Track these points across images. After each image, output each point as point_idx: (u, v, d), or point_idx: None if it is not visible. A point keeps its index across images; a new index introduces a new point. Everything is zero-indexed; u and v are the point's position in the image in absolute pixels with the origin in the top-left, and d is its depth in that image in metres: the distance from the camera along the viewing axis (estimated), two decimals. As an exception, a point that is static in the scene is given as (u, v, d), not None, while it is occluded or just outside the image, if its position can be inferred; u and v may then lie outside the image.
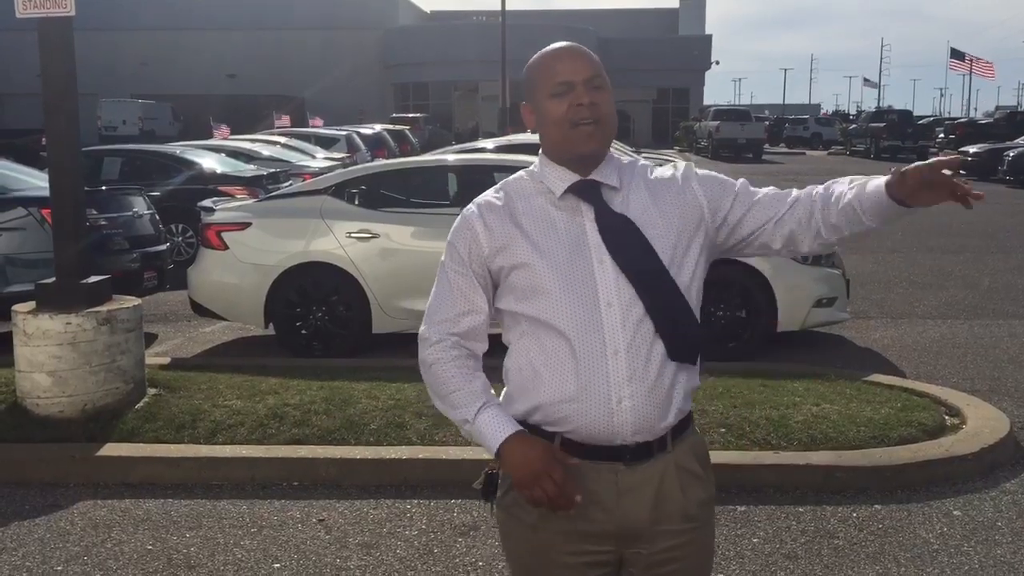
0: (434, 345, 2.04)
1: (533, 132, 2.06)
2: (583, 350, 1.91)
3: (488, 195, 2.07)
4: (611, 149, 2.04)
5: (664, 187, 2.04)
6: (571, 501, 1.88)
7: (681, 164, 2.11)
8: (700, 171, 2.09)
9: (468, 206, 2.07)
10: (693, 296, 1.99)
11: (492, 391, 2.02)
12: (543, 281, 1.94)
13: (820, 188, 2.02)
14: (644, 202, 2.00)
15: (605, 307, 1.92)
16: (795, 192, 2.04)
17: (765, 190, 2.08)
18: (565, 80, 1.94)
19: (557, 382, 1.93)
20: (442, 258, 2.06)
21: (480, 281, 2.02)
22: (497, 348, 2.13)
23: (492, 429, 1.94)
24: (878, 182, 1.91)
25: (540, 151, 2.04)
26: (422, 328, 2.09)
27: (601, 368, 1.90)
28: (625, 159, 2.10)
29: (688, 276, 1.99)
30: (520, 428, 1.94)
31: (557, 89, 1.95)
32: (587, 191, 1.99)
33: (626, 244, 1.94)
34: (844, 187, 1.97)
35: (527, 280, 1.95)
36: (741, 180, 2.10)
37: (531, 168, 2.08)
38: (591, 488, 1.94)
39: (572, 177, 1.99)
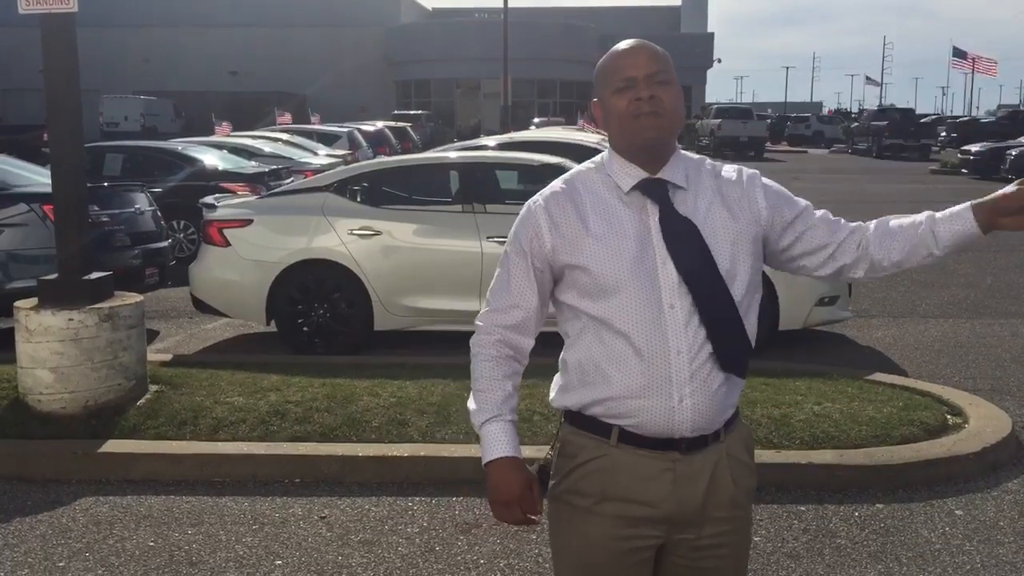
0: (481, 336, 2.12)
1: (538, 126, 2.08)
2: (647, 350, 1.95)
3: (555, 186, 2.09)
4: (679, 147, 2.08)
5: (730, 190, 2.07)
6: (533, 523, 2.06)
7: (747, 169, 2.15)
8: (766, 180, 2.14)
9: (534, 196, 2.09)
10: (746, 303, 2.03)
11: (514, 400, 2.09)
12: (609, 281, 1.97)
13: (872, 224, 2.10)
14: (711, 204, 2.04)
15: (668, 308, 1.95)
16: (851, 226, 2.11)
17: (822, 213, 2.13)
18: (628, 76, 1.98)
19: (621, 379, 1.97)
20: (506, 246, 2.11)
21: (537, 275, 2.06)
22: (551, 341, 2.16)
23: (489, 443, 2.05)
24: (957, 211, 2.03)
25: (609, 146, 2.07)
26: (481, 311, 2.16)
27: (664, 368, 1.95)
28: (693, 156, 2.13)
29: (744, 283, 2.02)
30: (511, 454, 2.03)
31: (620, 84, 1.98)
32: (654, 189, 2.01)
33: (687, 249, 1.97)
34: (904, 221, 2.07)
35: (592, 279, 1.98)
36: (806, 202, 2.15)
37: (599, 160, 2.10)
38: (648, 475, 2.00)
39: (640, 173, 2.02)
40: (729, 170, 2.12)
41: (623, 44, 2.04)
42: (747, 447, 2.14)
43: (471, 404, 2.11)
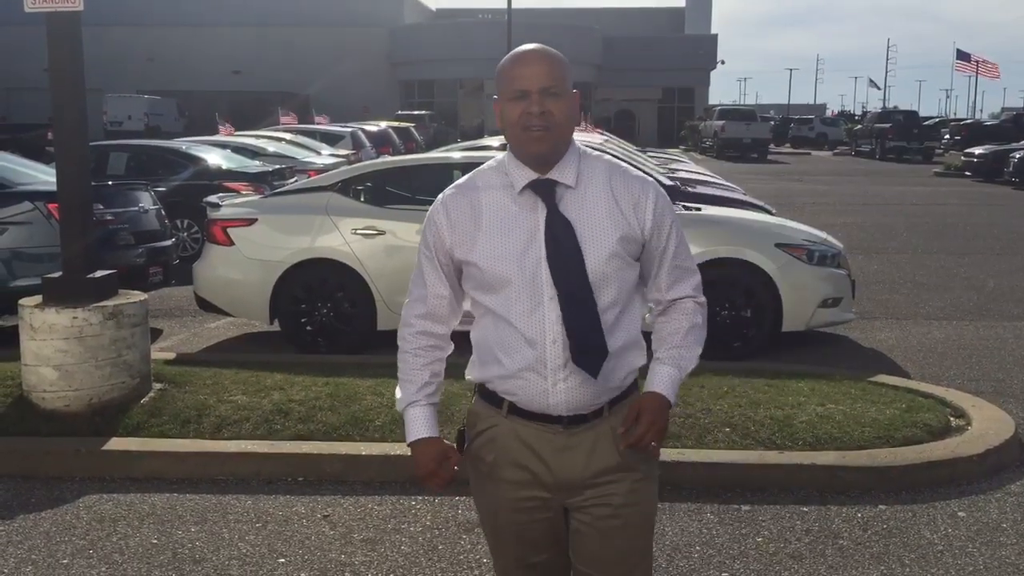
0: (404, 331, 2.34)
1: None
2: (526, 337, 2.14)
3: (457, 185, 2.27)
4: (577, 143, 2.21)
5: (624, 194, 2.19)
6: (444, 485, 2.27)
7: (654, 183, 2.26)
8: (666, 203, 2.23)
9: (438, 197, 2.28)
10: (618, 304, 2.17)
11: (431, 387, 2.31)
12: (496, 276, 2.16)
13: (670, 319, 2.29)
14: (597, 202, 2.17)
15: (548, 300, 2.13)
16: (677, 300, 2.29)
17: (676, 270, 2.27)
18: (521, 88, 2.10)
19: (506, 361, 2.19)
20: (419, 245, 2.32)
21: (444, 269, 2.27)
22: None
23: (409, 426, 2.29)
24: (652, 378, 2.23)
25: (508, 147, 2.21)
26: (404, 305, 2.37)
27: (541, 354, 2.14)
28: (591, 153, 2.25)
29: (616, 285, 2.17)
30: (424, 435, 2.26)
31: (514, 95, 2.11)
32: (543, 189, 2.16)
33: (560, 250, 2.12)
34: (660, 349, 2.28)
35: (481, 275, 2.18)
36: (675, 248, 2.25)
37: (500, 158, 2.25)
38: (532, 444, 2.21)
39: (531, 174, 2.17)
40: (630, 174, 2.24)
41: (521, 50, 2.15)
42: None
43: (397, 392, 2.34)
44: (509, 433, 2.23)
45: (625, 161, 10.27)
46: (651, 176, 2.31)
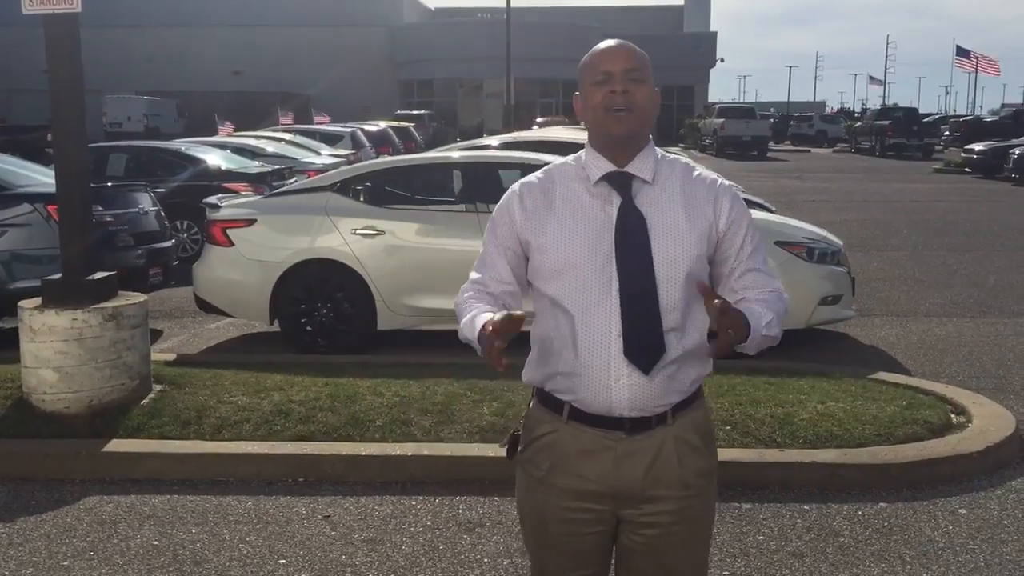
0: (460, 295, 2.24)
1: (541, 126, 2.15)
2: (589, 329, 2.08)
3: (533, 175, 2.24)
4: (653, 144, 2.20)
5: (698, 192, 2.16)
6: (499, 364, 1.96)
7: (727, 181, 2.24)
8: (743, 198, 2.21)
9: (514, 184, 2.25)
10: (683, 302, 2.09)
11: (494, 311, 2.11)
12: (562, 262, 2.11)
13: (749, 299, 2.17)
14: (673, 201, 2.14)
15: (616, 293, 2.07)
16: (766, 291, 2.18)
17: (760, 266, 2.19)
18: (605, 70, 2.11)
19: (565, 357, 2.12)
20: (486, 230, 2.26)
21: (509, 255, 2.20)
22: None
23: (475, 320, 2.08)
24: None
25: (588, 139, 2.20)
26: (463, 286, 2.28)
27: (604, 348, 2.07)
28: (669, 155, 2.24)
29: (683, 284, 2.09)
30: (491, 311, 2.06)
31: (598, 78, 2.11)
32: (619, 181, 2.14)
33: (629, 242, 2.08)
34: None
35: (549, 261, 2.13)
36: (758, 240, 2.21)
37: (579, 154, 2.23)
38: (592, 452, 2.13)
39: (608, 166, 2.15)
40: (706, 175, 2.22)
41: (605, 42, 2.17)
42: (699, 431, 2.20)
43: (462, 328, 2.14)
44: (568, 439, 2.15)
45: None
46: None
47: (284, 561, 4.00)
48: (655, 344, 2.07)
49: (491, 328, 1.94)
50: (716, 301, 1.95)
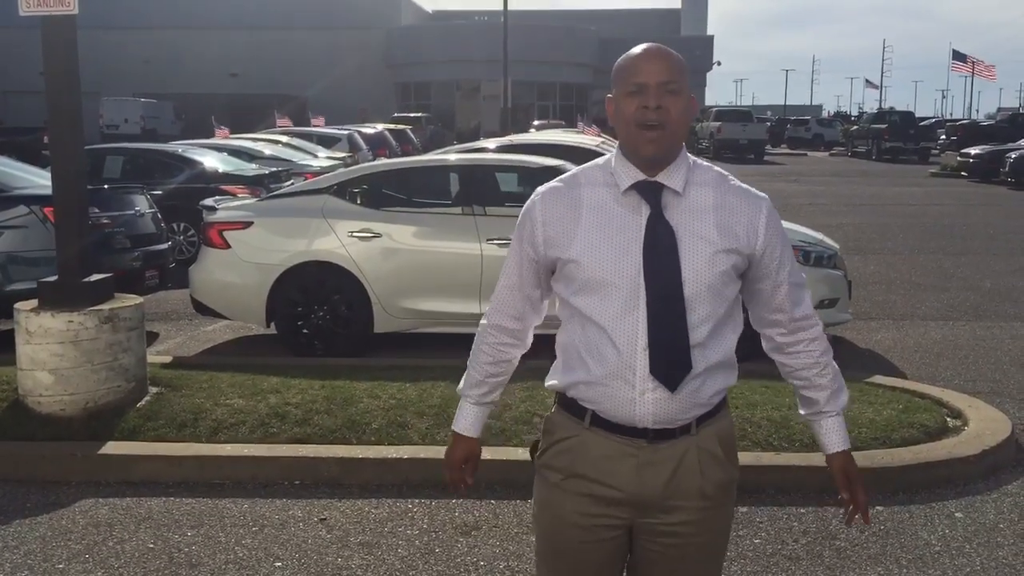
0: (485, 320, 2.32)
1: (538, 128, 2.13)
2: (618, 342, 2.04)
3: (560, 179, 2.19)
4: (686, 152, 2.13)
5: (733, 206, 2.10)
6: (460, 491, 2.40)
7: (766, 198, 2.18)
8: (778, 219, 2.18)
9: (538, 190, 2.19)
10: (709, 318, 2.07)
11: (485, 387, 2.34)
12: (591, 275, 2.06)
13: (803, 355, 2.27)
14: (703, 215, 2.07)
15: (644, 305, 2.03)
16: (806, 323, 2.25)
17: (786, 287, 2.20)
18: (640, 81, 2.03)
19: (593, 366, 2.08)
20: (512, 240, 2.24)
21: (533, 265, 2.19)
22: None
23: (456, 415, 2.37)
24: (824, 440, 2.29)
25: (619, 145, 2.13)
26: (495, 288, 2.30)
27: (631, 360, 2.03)
28: (703, 163, 2.16)
29: (710, 299, 2.06)
30: (460, 431, 2.35)
31: (632, 88, 2.04)
32: (648, 191, 2.07)
33: (658, 256, 2.03)
34: (810, 391, 2.29)
35: (579, 273, 2.08)
36: (791, 251, 2.21)
37: (608, 157, 2.17)
38: (613, 458, 2.10)
39: (638, 175, 2.08)
40: (742, 189, 2.14)
41: (644, 46, 2.09)
42: (723, 442, 2.17)
43: (464, 376, 2.37)
44: (589, 445, 2.11)
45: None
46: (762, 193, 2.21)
47: (280, 564, 3.99)
48: (682, 361, 2.04)
49: (447, 474, 2.36)
50: (845, 496, 2.25)
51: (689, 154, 2.14)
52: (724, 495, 2.17)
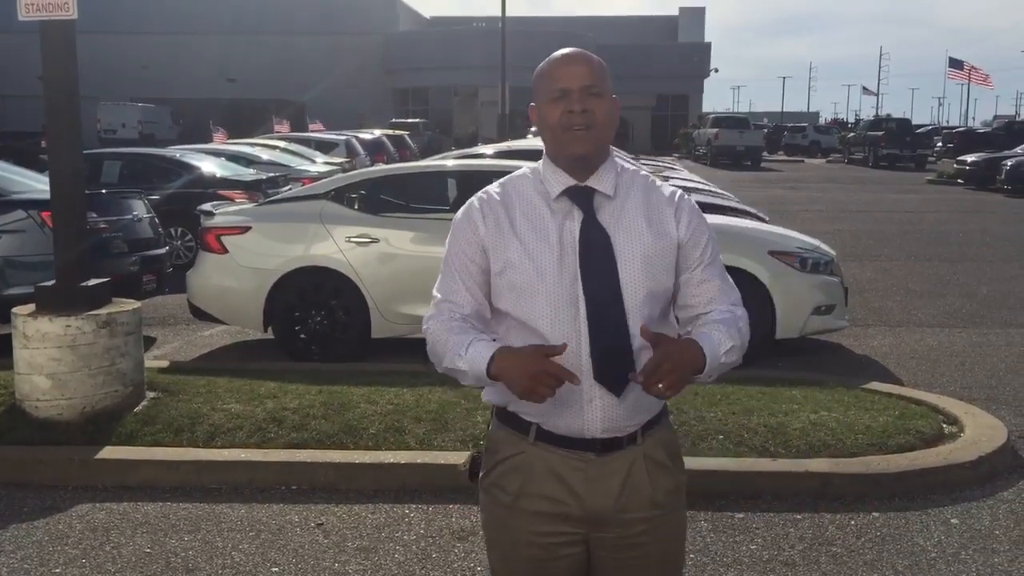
0: (432, 322, 2.12)
1: (535, 134, 2.12)
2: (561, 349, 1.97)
3: (490, 189, 2.16)
4: (615, 156, 2.14)
5: (659, 206, 2.12)
6: (573, 378, 1.91)
7: (686, 194, 2.19)
8: (697, 208, 2.17)
9: (471, 199, 2.16)
10: (647, 317, 2.03)
11: (484, 335, 2.06)
12: (529, 283, 2.03)
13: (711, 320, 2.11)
14: (634, 216, 2.09)
15: (584, 310, 2.02)
16: (726, 305, 2.15)
17: (720, 275, 2.16)
18: (563, 87, 2.03)
19: None
20: (447, 249, 2.15)
21: (475, 271, 2.11)
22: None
23: (479, 353, 1.98)
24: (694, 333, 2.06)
25: (544, 151, 2.13)
26: (428, 312, 2.16)
27: (576, 369, 1.98)
28: (629, 167, 2.18)
29: (648, 298, 2.05)
30: (501, 345, 2.01)
31: (555, 95, 2.04)
32: (580, 196, 2.07)
33: (594, 260, 2.03)
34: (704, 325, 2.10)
35: (514, 281, 2.05)
36: (717, 252, 2.17)
37: (536, 166, 2.17)
38: (562, 474, 2.07)
39: (568, 180, 2.08)
40: (666, 188, 2.17)
41: (562, 52, 2.09)
42: (667, 449, 2.16)
43: (447, 362, 2.05)
44: (536, 461, 2.07)
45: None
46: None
47: (277, 569, 3.99)
48: (625, 367, 2.01)
49: (548, 380, 1.87)
50: (660, 348, 1.90)
51: (617, 160, 2.15)
52: (675, 500, 2.16)
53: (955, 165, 31.04)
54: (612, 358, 2.01)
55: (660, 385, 1.89)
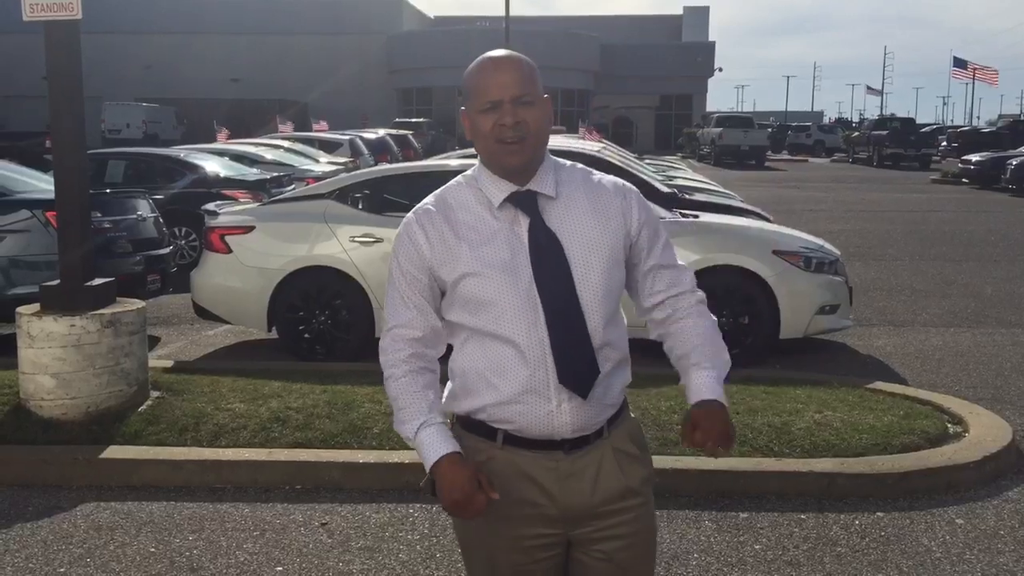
0: (390, 356, 2.12)
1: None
2: (524, 358, 2.01)
3: (426, 203, 2.14)
4: (548, 154, 2.11)
5: (604, 199, 2.11)
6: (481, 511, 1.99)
7: (628, 184, 2.19)
8: (642, 199, 2.17)
9: (407, 216, 2.14)
10: (605, 312, 2.06)
11: (438, 405, 2.10)
12: (487, 293, 2.01)
13: (681, 310, 2.16)
14: (580, 214, 2.07)
15: (543, 320, 2.01)
16: (680, 287, 2.17)
17: (669, 269, 2.17)
18: (492, 99, 2.00)
19: (502, 386, 2.03)
20: (390, 269, 2.13)
21: (424, 290, 2.09)
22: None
23: (428, 447, 2.04)
24: (692, 385, 2.10)
25: (480, 161, 2.11)
26: (381, 339, 2.16)
27: (541, 374, 2.01)
28: (565, 163, 2.16)
29: (603, 292, 2.06)
30: (451, 450, 2.02)
31: (485, 106, 2.01)
32: (524, 202, 2.05)
33: (546, 265, 2.01)
34: (688, 340, 2.14)
35: (472, 292, 2.02)
36: (666, 238, 2.19)
37: (469, 174, 2.14)
38: (533, 475, 2.06)
39: (509, 187, 2.06)
40: (607, 180, 2.16)
41: (489, 56, 2.06)
42: (634, 439, 2.17)
43: (396, 422, 2.11)
44: (507, 466, 2.06)
45: (624, 168, 10.28)
46: (627, 180, 2.21)
47: (281, 569, 3.99)
48: (590, 368, 2.03)
49: (472, 507, 1.97)
50: (697, 435, 2.01)
51: (550, 155, 2.13)
52: (647, 488, 2.17)
53: (959, 164, 30.99)
54: (575, 360, 2.01)
55: (719, 448, 2.02)
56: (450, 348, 2.17)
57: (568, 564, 2.16)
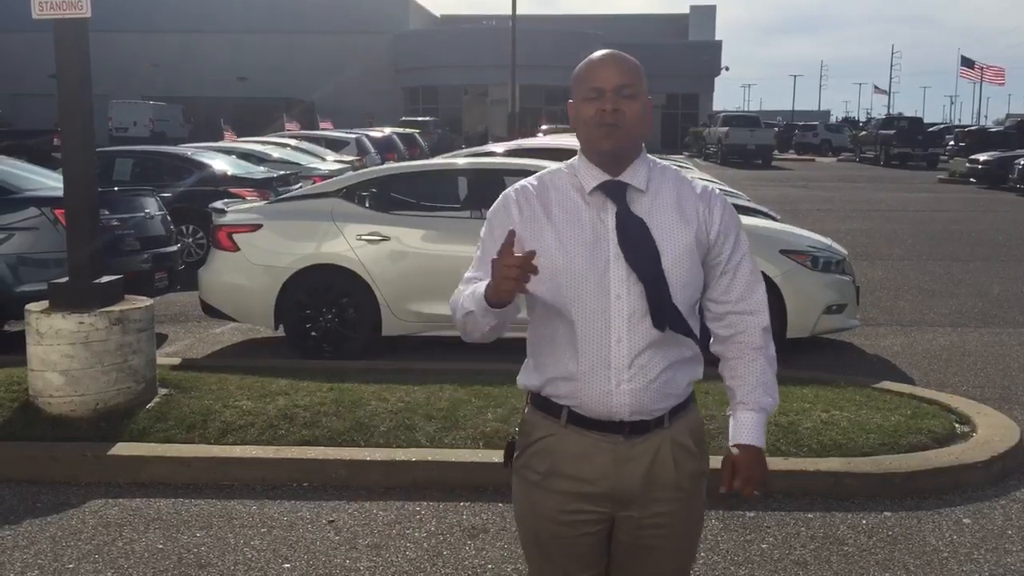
0: (457, 295, 2.19)
1: (546, 133, 2.15)
2: (590, 335, 2.11)
3: (527, 181, 2.26)
4: (646, 153, 2.22)
5: (690, 199, 2.20)
6: (528, 263, 1.94)
7: (716, 188, 2.28)
8: (730, 205, 2.25)
9: (506, 190, 2.26)
10: (685, 302, 2.15)
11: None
12: (559, 269, 2.11)
13: (744, 342, 2.24)
14: (666, 208, 2.17)
15: (615, 299, 2.10)
16: (753, 307, 2.25)
17: (750, 273, 2.24)
18: (596, 87, 2.12)
19: (565, 361, 2.15)
20: (481, 232, 2.25)
21: None
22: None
23: (479, 288, 2.06)
24: (735, 427, 2.23)
25: (580, 149, 2.22)
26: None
27: (604, 353, 2.11)
28: (660, 162, 2.27)
29: (684, 284, 2.14)
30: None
31: (589, 94, 2.13)
32: (613, 190, 2.16)
33: (636, 244, 2.11)
34: (739, 375, 2.24)
35: (545, 266, 2.08)
36: (747, 248, 2.25)
37: (571, 162, 2.25)
38: (591, 456, 2.17)
39: (602, 176, 2.17)
40: (698, 184, 2.25)
41: (599, 53, 2.18)
42: (693, 434, 2.25)
43: (459, 311, 2.13)
44: (567, 443, 2.17)
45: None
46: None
47: (288, 565, 4.01)
48: (679, 319, 2.12)
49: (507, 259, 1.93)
50: (737, 481, 2.20)
51: (650, 156, 2.23)
52: (697, 486, 2.26)
53: (967, 164, 30.90)
54: (666, 310, 2.10)
55: (752, 490, 2.21)
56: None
57: (610, 542, 2.25)
